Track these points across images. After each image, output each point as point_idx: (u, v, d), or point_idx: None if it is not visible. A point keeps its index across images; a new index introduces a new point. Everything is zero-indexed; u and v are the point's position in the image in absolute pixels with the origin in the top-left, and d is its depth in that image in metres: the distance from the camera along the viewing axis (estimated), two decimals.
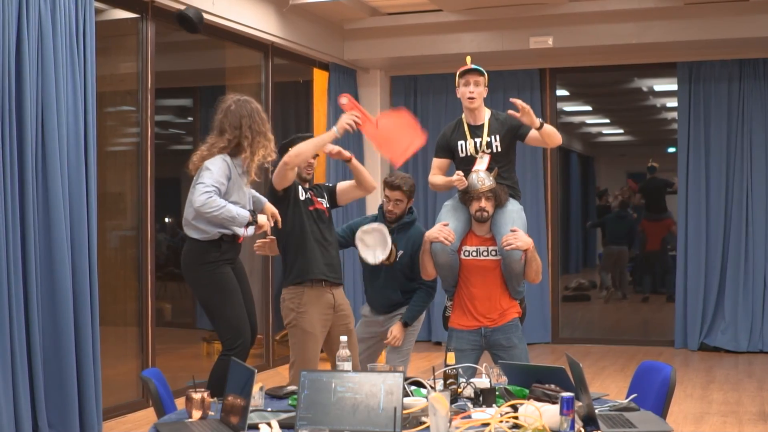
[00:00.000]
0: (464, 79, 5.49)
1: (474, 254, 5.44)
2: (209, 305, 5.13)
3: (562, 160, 18.42)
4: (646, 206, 14.68)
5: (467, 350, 5.40)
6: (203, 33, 8.41)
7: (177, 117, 13.87)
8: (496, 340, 5.40)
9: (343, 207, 6.93)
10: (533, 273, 5.39)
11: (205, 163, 5.02)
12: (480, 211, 5.36)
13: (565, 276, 16.85)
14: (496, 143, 5.48)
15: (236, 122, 5.11)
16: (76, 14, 6.30)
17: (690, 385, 8.33)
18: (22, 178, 5.88)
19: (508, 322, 5.43)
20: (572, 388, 3.75)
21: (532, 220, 10.78)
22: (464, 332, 5.45)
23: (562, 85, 13.27)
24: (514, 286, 5.44)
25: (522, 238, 5.26)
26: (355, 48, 10.58)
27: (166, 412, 3.98)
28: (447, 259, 5.42)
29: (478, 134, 5.52)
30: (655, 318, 13.37)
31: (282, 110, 11.08)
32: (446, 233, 5.36)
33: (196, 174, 5.03)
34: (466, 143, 5.54)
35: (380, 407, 3.35)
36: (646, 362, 4.56)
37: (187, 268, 5.12)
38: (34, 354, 5.94)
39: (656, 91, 15.03)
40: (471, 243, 5.47)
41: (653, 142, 17.71)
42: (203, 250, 5.04)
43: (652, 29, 9.66)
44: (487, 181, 5.33)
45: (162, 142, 15.06)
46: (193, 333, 11.02)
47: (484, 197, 5.33)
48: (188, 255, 5.10)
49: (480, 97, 5.50)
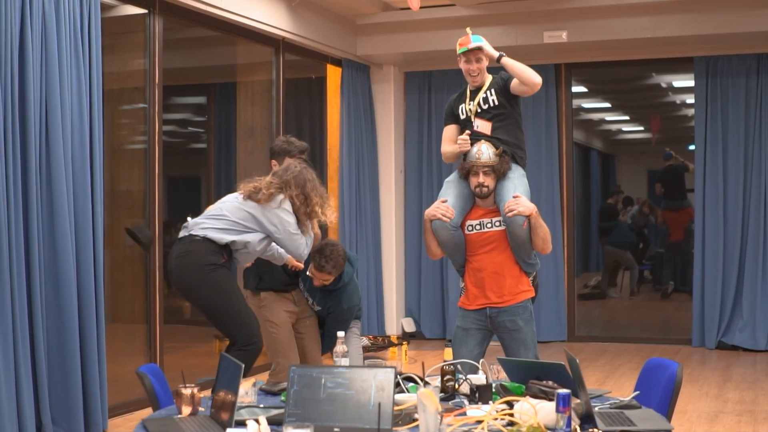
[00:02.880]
0: (465, 56, 5.42)
1: (478, 228, 5.33)
2: (213, 307, 5.11)
3: (582, 157, 18.36)
4: (665, 195, 14.46)
5: (472, 329, 5.30)
6: (214, 29, 8.37)
7: (196, 115, 13.86)
8: (501, 322, 5.27)
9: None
10: (540, 241, 5.24)
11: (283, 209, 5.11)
12: (479, 186, 5.25)
13: (585, 274, 16.75)
14: (492, 97, 5.39)
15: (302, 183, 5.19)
16: (81, 11, 6.25)
17: (706, 384, 8.21)
18: (25, 176, 5.84)
19: (517, 303, 5.28)
20: (572, 385, 3.66)
21: (548, 217, 10.67)
22: (470, 311, 5.34)
23: (580, 81, 13.17)
24: (522, 257, 5.30)
25: (524, 203, 5.15)
26: (368, 43, 10.50)
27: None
28: (448, 235, 5.31)
29: (477, 95, 5.47)
30: (675, 316, 13.22)
31: (296, 107, 11.03)
32: (443, 210, 5.28)
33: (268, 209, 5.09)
34: (466, 105, 5.48)
35: (371, 403, 3.27)
36: (652, 359, 4.46)
37: (189, 267, 5.07)
38: (37, 350, 5.90)
39: (675, 87, 14.88)
40: (474, 216, 5.36)
41: (673, 140, 17.52)
42: (210, 250, 5.05)
43: (667, 23, 9.53)
44: (484, 156, 5.21)
45: (182, 141, 15.11)
46: (207, 331, 10.95)
47: (482, 172, 5.22)
48: (191, 255, 5.07)
49: (482, 70, 5.43)
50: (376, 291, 10.75)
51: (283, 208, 5.08)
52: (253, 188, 5.13)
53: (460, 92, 5.61)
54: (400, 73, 11.26)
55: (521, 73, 5.28)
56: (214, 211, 5.17)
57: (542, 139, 10.71)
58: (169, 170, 14.81)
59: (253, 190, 5.11)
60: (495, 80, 5.46)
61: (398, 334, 10.79)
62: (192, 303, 5.31)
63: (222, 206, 5.17)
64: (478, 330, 5.31)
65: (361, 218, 10.50)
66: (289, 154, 5.81)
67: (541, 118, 10.72)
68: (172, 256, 5.18)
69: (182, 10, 7.63)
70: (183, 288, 5.18)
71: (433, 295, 11.03)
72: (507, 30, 9.99)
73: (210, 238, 5.06)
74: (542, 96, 10.66)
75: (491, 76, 5.49)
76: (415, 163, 11.21)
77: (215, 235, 5.07)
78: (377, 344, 9.68)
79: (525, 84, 5.30)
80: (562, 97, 10.80)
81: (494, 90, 5.41)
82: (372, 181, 10.81)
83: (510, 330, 5.26)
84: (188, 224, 5.21)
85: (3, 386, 5.57)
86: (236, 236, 5.09)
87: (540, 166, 10.69)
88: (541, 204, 10.68)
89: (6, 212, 5.63)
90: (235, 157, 10.37)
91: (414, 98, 11.25)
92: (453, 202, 5.34)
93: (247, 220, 5.10)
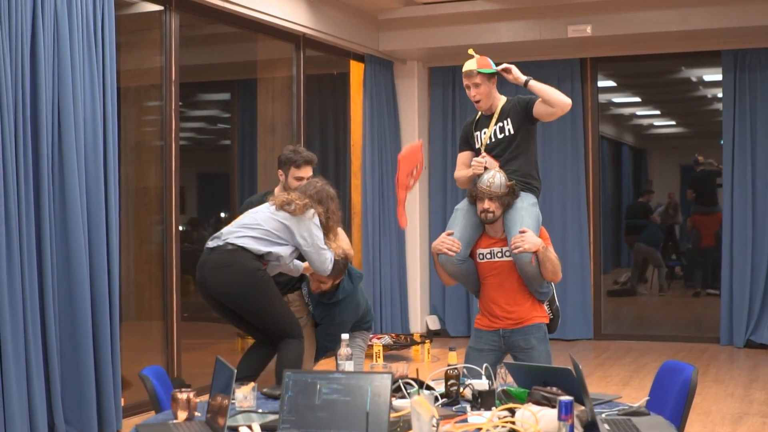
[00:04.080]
0: (465, 81, 5.31)
1: (488, 257, 5.25)
2: (264, 310, 5.22)
3: (613, 152, 18.20)
4: (696, 200, 14.28)
5: (485, 350, 5.23)
6: (232, 25, 8.31)
7: (223, 111, 13.85)
8: (515, 342, 5.20)
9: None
10: (549, 273, 5.13)
11: (314, 223, 5.21)
12: (484, 212, 5.16)
13: (616, 270, 16.59)
14: (508, 126, 5.26)
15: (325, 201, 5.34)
16: (93, 8, 6.21)
17: (732, 384, 8.06)
18: (37, 175, 5.80)
19: (530, 324, 5.21)
20: (578, 391, 3.55)
21: (573, 215, 10.56)
22: (484, 332, 5.28)
23: (609, 75, 13.02)
24: (534, 287, 5.21)
25: (530, 240, 5.03)
26: (390, 39, 10.40)
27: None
28: (455, 269, 5.27)
29: (490, 122, 5.33)
30: (704, 314, 13.03)
31: (319, 103, 10.97)
32: (449, 244, 5.21)
33: (302, 221, 5.17)
34: (481, 133, 5.36)
35: (367, 410, 3.18)
36: (668, 362, 4.35)
37: (235, 276, 5.11)
38: (50, 349, 5.86)
39: (706, 81, 14.68)
40: (484, 245, 5.28)
41: (705, 134, 17.33)
42: (251, 257, 5.14)
43: (693, 16, 9.35)
44: (495, 185, 5.10)
45: (213, 137, 15.13)
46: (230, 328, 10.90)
47: (487, 198, 5.12)
48: (235, 265, 5.11)
49: (485, 95, 5.27)
50: (399, 288, 10.67)
51: (313, 222, 5.17)
52: (285, 200, 5.18)
53: (474, 117, 5.49)
54: (424, 68, 11.15)
55: (551, 97, 5.14)
56: (248, 221, 5.22)
57: (567, 135, 10.57)
58: (200, 167, 14.90)
59: (286, 201, 5.17)
60: (512, 105, 5.30)
61: (423, 332, 10.70)
62: (236, 308, 5.28)
63: (256, 216, 5.23)
64: (491, 351, 5.23)
65: (384, 215, 10.41)
66: (294, 164, 5.72)
67: (567, 113, 10.53)
68: (209, 266, 5.18)
69: (199, 6, 7.57)
70: (228, 296, 5.22)
71: (458, 292, 10.91)
72: (531, 24, 9.87)
73: (247, 248, 5.11)
74: (567, 91, 10.37)
75: (504, 100, 5.35)
76: (439, 159, 11.10)
77: (252, 244, 5.12)
78: (400, 342, 9.60)
79: (554, 106, 5.15)
80: (587, 92, 10.65)
81: (510, 118, 5.27)
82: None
83: (523, 348, 5.18)
84: (220, 234, 5.21)
85: (14, 385, 5.53)
86: (271, 247, 5.16)
87: (566, 162, 10.56)
88: (567, 201, 10.58)
89: (17, 211, 5.60)
90: (257, 154, 10.32)
91: (438, 94, 11.14)
92: (460, 234, 5.26)
93: (280, 231, 5.16)
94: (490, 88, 5.30)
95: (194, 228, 13.39)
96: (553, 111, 5.19)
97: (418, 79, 11.01)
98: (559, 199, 10.61)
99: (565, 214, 10.60)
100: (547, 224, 10.44)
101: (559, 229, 10.49)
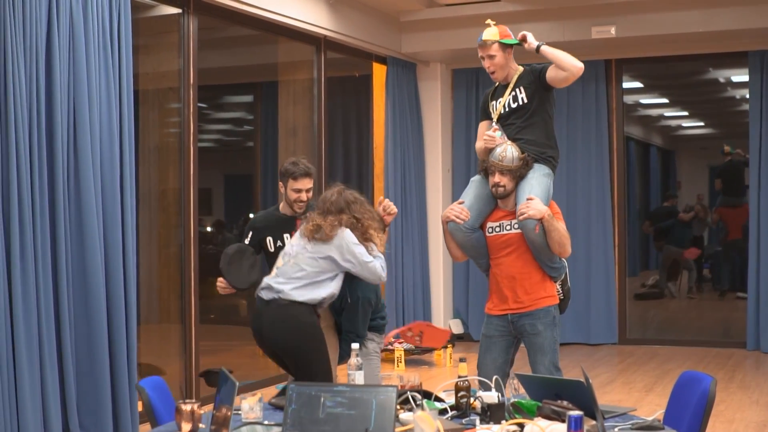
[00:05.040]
0: (480, 53, 5.22)
1: (497, 230, 5.15)
2: (312, 360, 5.17)
3: (641, 154, 18.06)
4: (723, 191, 14.08)
5: (495, 336, 5.14)
6: (251, 27, 8.29)
7: (249, 113, 13.85)
8: (522, 326, 5.08)
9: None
10: (556, 245, 4.98)
11: (351, 242, 5.10)
12: (495, 186, 5.07)
13: (644, 272, 16.45)
14: (522, 95, 5.17)
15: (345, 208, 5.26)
16: (110, 11, 6.17)
17: (757, 391, 7.92)
18: (52, 179, 5.78)
19: (538, 308, 5.08)
20: (591, 404, 3.47)
21: (598, 216, 10.45)
22: (494, 317, 5.17)
23: (636, 76, 12.91)
24: (544, 261, 5.09)
25: (534, 206, 4.92)
26: (413, 40, 10.33)
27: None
28: (463, 237, 5.17)
29: (505, 91, 5.25)
30: (731, 317, 12.86)
31: (342, 105, 10.93)
32: (458, 211, 5.14)
33: (340, 245, 5.08)
34: (496, 103, 5.28)
35: (371, 424, 3.11)
36: (687, 373, 4.25)
37: (293, 332, 5.09)
38: (64, 354, 5.83)
39: (734, 82, 14.53)
40: (494, 218, 5.18)
41: (734, 135, 17.16)
42: (308, 312, 5.11)
43: (719, 16, 9.22)
44: (507, 158, 5.02)
45: (240, 139, 15.15)
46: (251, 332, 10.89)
47: (498, 171, 5.02)
48: (293, 319, 5.08)
49: (499, 66, 5.19)
50: (423, 292, 10.60)
51: (350, 241, 5.07)
52: (313, 227, 5.10)
53: (493, 87, 5.41)
54: (447, 70, 11.07)
55: (562, 61, 5.03)
56: (293, 270, 5.12)
57: (592, 136, 10.48)
58: (227, 169, 14.93)
59: (314, 229, 5.09)
60: (525, 74, 5.22)
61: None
62: (288, 359, 5.26)
63: (297, 261, 5.12)
64: (501, 337, 5.14)
65: (407, 218, 10.35)
66: (292, 176, 5.65)
67: (591, 114, 10.49)
68: (266, 321, 5.14)
69: (217, 9, 7.54)
70: (284, 351, 5.21)
71: (482, 295, 10.75)
72: (554, 25, 9.77)
73: (302, 301, 5.08)
74: (592, 92, 10.45)
75: (521, 69, 5.26)
76: (463, 162, 11.01)
77: (306, 295, 5.08)
78: (421, 347, 9.52)
79: (565, 69, 5.02)
80: (612, 93, 10.54)
81: (523, 86, 5.18)
82: (418, 181, 10.65)
83: (529, 334, 5.08)
84: (271, 286, 5.14)
85: (28, 390, 5.51)
86: (324, 290, 5.11)
87: (590, 163, 10.47)
88: (592, 202, 10.48)
89: (31, 215, 5.58)
90: (278, 157, 10.29)
91: (462, 96, 11.06)
92: (470, 203, 5.18)
93: (325, 267, 5.10)
94: (506, 59, 5.22)
95: (219, 230, 13.39)
96: (565, 76, 5.07)
97: (441, 81, 10.93)
98: (583, 200, 10.52)
99: (590, 216, 10.50)
100: (571, 226, 10.37)
101: (584, 231, 10.40)
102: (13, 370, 5.47)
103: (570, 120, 10.47)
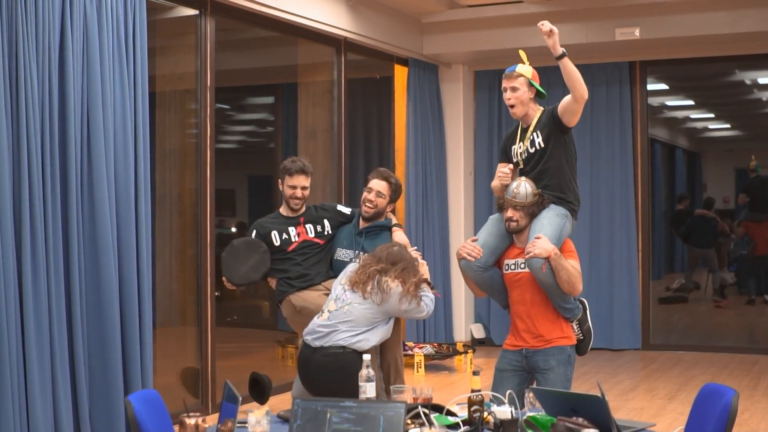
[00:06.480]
0: (504, 83, 5.11)
1: (513, 267, 5.07)
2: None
3: (666, 156, 17.90)
4: (749, 206, 13.90)
5: (507, 371, 5.04)
6: (269, 29, 8.22)
7: (271, 115, 13.81)
8: (535, 361, 4.99)
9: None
10: (564, 283, 4.86)
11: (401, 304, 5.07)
12: (508, 221, 5.00)
13: (670, 275, 16.27)
14: (538, 139, 5.07)
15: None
16: (125, 14, 6.10)
17: None
18: (65, 181, 5.70)
19: (553, 347, 4.99)
20: (607, 419, 3.36)
21: (622, 219, 10.32)
22: (508, 352, 5.09)
23: (661, 78, 12.76)
24: (556, 300, 4.99)
25: (540, 245, 4.82)
26: (434, 42, 10.23)
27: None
28: (476, 276, 5.11)
29: (526, 135, 5.15)
30: (758, 322, 12.69)
31: (363, 107, 10.85)
32: (470, 249, 5.07)
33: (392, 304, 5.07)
34: (517, 147, 5.18)
35: None
36: (708, 385, 4.12)
37: (345, 380, 4.96)
38: (77, 360, 5.75)
39: (760, 84, 14.35)
40: (510, 256, 5.10)
41: (761, 137, 16.99)
42: (358, 361, 5.00)
43: (746, 18, 9.07)
44: (520, 195, 4.95)
45: (263, 140, 15.12)
46: (269, 335, 10.83)
47: (511, 207, 4.95)
48: (345, 369, 4.99)
49: (520, 101, 5.07)
50: (444, 296, 10.50)
51: (401, 300, 5.03)
52: (364, 281, 5.07)
53: (514, 128, 5.31)
54: (469, 72, 10.97)
55: (573, 79, 4.90)
56: (343, 316, 5.08)
57: (616, 138, 10.36)
58: (251, 170, 14.90)
59: (373, 290, 5.05)
60: (543, 114, 5.11)
61: (467, 341, 10.52)
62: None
63: (351, 309, 5.08)
64: (514, 372, 5.04)
65: (428, 221, 10.26)
66: (288, 173, 5.66)
67: (615, 116, 10.37)
68: (314, 368, 5.11)
69: (235, 10, 7.47)
70: (333, 393, 5.08)
71: None
72: (578, 27, 9.65)
73: (353, 349, 5.03)
74: (616, 94, 10.33)
75: (541, 110, 5.15)
76: (485, 165, 10.90)
77: (356, 344, 5.03)
78: (442, 352, 9.43)
79: (575, 89, 4.90)
80: (636, 96, 10.41)
81: (540, 129, 5.08)
82: (440, 184, 10.55)
83: (542, 369, 4.97)
84: (318, 331, 5.10)
85: (39, 396, 5.44)
86: (375, 339, 5.11)
87: (614, 165, 10.36)
88: (615, 205, 10.35)
89: (43, 220, 5.51)
90: None
91: (484, 98, 10.95)
92: (484, 240, 5.13)
93: (376, 323, 5.10)
94: (528, 97, 5.11)
95: (242, 232, 13.34)
96: (575, 105, 4.95)
97: (464, 83, 10.82)
98: (607, 203, 10.40)
99: (613, 219, 10.38)
100: (593, 230, 10.28)
101: (607, 234, 10.29)
102: (24, 376, 5.40)
103: (594, 122, 10.35)
